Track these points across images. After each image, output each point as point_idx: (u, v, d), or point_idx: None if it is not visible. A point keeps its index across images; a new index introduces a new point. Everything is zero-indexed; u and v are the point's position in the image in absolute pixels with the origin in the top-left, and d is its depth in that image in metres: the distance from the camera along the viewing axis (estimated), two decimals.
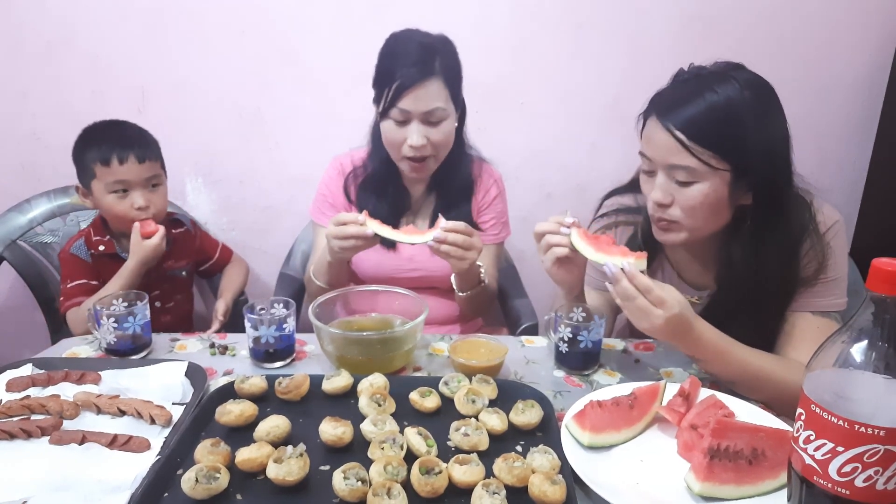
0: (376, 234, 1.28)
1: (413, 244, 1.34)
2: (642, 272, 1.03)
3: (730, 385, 1.10)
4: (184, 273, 1.75)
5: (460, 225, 1.27)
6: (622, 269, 1.03)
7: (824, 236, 1.15)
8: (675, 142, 1.05)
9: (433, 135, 1.39)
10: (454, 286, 1.45)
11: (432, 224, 1.52)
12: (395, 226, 1.55)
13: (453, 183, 1.54)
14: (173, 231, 1.68)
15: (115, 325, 1.19)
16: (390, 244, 1.54)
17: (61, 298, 1.58)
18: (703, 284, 1.29)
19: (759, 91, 1.07)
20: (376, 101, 1.42)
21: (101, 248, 1.58)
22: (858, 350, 0.68)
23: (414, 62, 1.34)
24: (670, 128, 1.06)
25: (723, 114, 1.04)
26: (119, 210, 1.54)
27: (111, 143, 1.52)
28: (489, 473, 0.84)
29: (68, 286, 1.57)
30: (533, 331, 1.64)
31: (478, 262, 1.38)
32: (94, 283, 1.57)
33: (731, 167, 1.06)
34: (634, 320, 1.04)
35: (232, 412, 0.95)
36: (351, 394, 1.06)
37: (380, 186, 1.51)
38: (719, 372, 1.10)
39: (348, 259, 1.44)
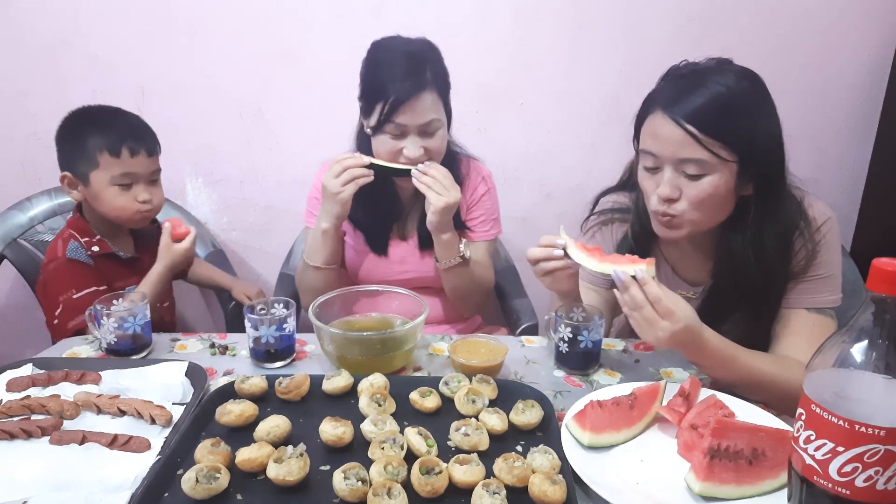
0: (371, 164, 1.38)
1: (399, 175, 1.42)
2: (653, 279, 1.01)
3: (731, 388, 1.10)
4: None
5: (444, 168, 1.38)
6: (633, 276, 1.02)
7: (817, 232, 1.15)
8: (685, 134, 1.05)
9: (429, 144, 1.39)
10: (436, 256, 1.46)
11: (420, 231, 1.53)
12: (387, 233, 1.56)
13: None
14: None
15: (116, 325, 1.19)
16: (382, 250, 1.55)
17: (61, 312, 1.38)
18: (699, 280, 1.29)
19: (753, 82, 1.09)
20: (365, 114, 1.41)
21: (96, 248, 1.46)
22: (859, 350, 0.68)
23: (405, 75, 1.33)
24: (679, 120, 1.05)
25: (728, 104, 1.05)
26: (120, 203, 1.44)
27: (121, 133, 1.42)
28: (489, 473, 0.84)
29: (75, 297, 1.39)
30: (533, 331, 1.64)
31: (461, 243, 1.45)
32: (103, 288, 1.43)
33: (738, 158, 1.06)
34: (639, 331, 1.02)
35: (232, 412, 0.95)
36: (351, 394, 1.06)
37: (369, 193, 1.46)
38: (721, 377, 1.10)
39: (345, 212, 1.42)
